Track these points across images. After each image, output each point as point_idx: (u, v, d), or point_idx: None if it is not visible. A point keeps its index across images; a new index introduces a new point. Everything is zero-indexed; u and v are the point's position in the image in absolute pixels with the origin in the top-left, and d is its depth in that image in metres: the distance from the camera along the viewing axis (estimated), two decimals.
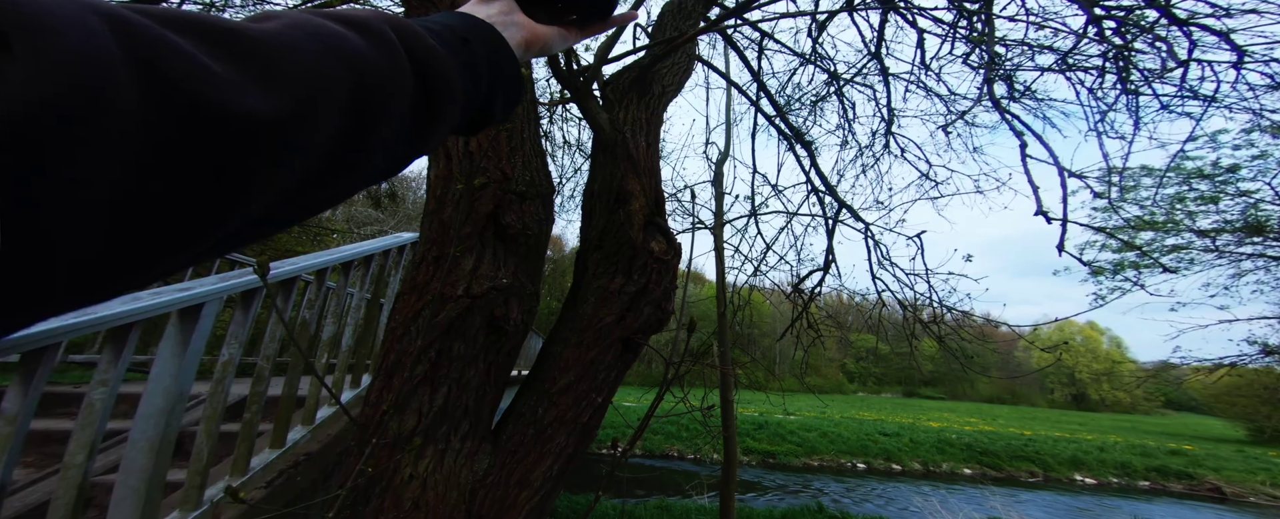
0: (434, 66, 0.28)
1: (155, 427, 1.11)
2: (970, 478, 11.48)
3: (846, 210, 3.67)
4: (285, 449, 1.63)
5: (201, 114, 0.17)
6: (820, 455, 11.91)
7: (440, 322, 1.17)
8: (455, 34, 0.32)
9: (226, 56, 0.18)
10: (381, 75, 0.25)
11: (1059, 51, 2.51)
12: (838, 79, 3.67)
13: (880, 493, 9.22)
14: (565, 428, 1.35)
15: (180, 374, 1.17)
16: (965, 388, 45.30)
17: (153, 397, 1.13)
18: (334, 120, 0.22)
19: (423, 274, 1.19)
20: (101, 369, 1.01)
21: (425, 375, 1.16)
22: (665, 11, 2.27)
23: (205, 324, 1.23)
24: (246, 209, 0.20)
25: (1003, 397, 46.68)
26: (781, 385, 4.88)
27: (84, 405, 0.98)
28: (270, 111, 0.19)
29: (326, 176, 0.24)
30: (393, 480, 1.09)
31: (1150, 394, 45.62)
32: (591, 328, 1.44)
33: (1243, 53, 2.11)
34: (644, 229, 1.53)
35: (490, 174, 1.24)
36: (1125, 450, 14.01)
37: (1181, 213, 5.84)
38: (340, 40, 0.23)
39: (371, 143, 0.25)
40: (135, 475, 1.08)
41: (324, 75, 0.22)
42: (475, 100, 0.33)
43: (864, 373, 45.09)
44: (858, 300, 4.74)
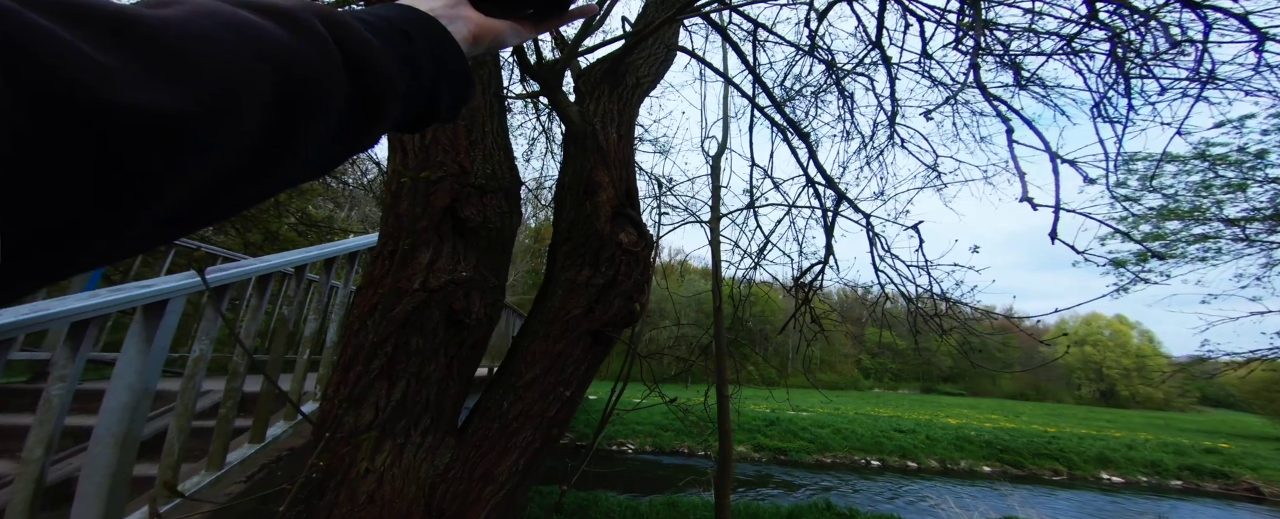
0: (369, 61, 0.26)
1: (120, 422, 1.13)
2: (989, 476, 11.17)
3: (846, 202, 3.59)
4: (265, 444, 1.65)
5: (81, 107, 0.15)
6: (833, 452, 11.72)
7: (396, 315, 1.16)
8: (393, 26, 0.30)
9: (114, 45, 0.17)
10: (306, 69, 0.23)
11: (1063, 37, 2.39)
12: (836, 70, 3.58)
13: (891, 490, 9.04)
14: (532, 422, 1.33)
15: (145, 370, 1.18)
16: (987, 384, 44.16)
17: (117, 393, 1.14)
18: (252, 115, 0.21)
19: (379, 268, 1.18)
20: (59, 365, 1.03)
21: (382, 369, 1.15)
22: (648, 4, 2.24)
23: (170, 320, 1.24)
24: (148, 208, 0.18)
25: (1027, 393, 45.36)
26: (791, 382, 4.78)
27: (42, 401, 1.00)
28: (167, 105, 0.17)
29: (248, 174, 0.22)
30: (348, 474, 1.09)
31: (1184, 390, 43.79)
32: (559, 320, 1.42)
33: (1262, 35, 1.97)
34: (612, 220, 1.50)
35: (447, 168, 1.23)
36: (1156, 449, 13.47)
37: (1208, 200, 5.55)
38: (256, 30, 0.22)
39: (298, 140, 0.24)
40: (100, 471, 1.10)
41: (236, 67, 0.20)
42: (418, 97, 0.31)
43: (880, 369, 44.28)
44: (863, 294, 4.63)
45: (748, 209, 3.82)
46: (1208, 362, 6.80)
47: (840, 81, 3.72)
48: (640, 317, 1.57)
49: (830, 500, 6.23)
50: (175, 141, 0.18)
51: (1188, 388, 43.88)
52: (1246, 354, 5.86)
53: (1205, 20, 2.00)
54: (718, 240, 3.60)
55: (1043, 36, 2.56)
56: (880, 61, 3.46)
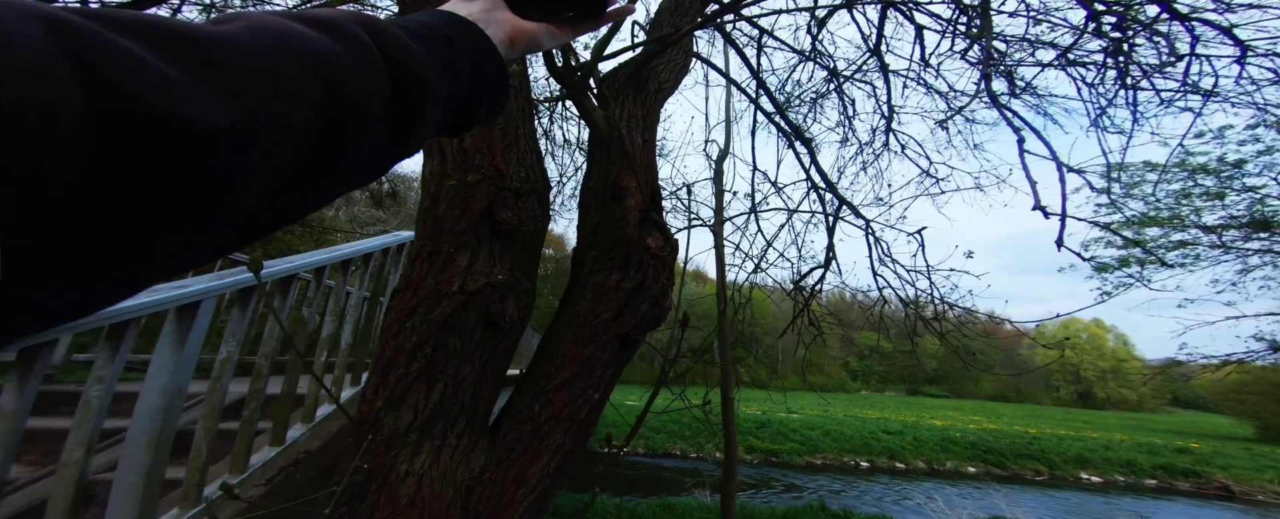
0: (412, 68, 0.27)
1: (153, 424, 1.12)
2: (974, 476, 11.43)
3: (847, 207, 3.66)
4: (284, 447, 1.63)
5: (152, 121, 0.16)
6: (823, 454, 11.88)
7: (435, 318, 1.17)
8: (435, 33, 0.31)
9: (180, 61, 0.18)
10: (354, 78, 0.24)
11: (1059, 47, 2.49)
12: (837, 76, 3.65)
13: (877, 492, 9.19)
14: (562, 425, 1.35)
15: (178, 371, 1.17)
16: (970, 386, 45.08)
17: (150, 394, 1.13)
18: (303, 126, 0.21)
19: (417, 271, 1.19)
20: (98, 366, 1.02)
21: (421, 372, 1.16)
22: (662, 8, 2.27)
23: (202, 321, 1.23)
24: (210, 216, 0.19)
25: (1007, 395, 46.42)
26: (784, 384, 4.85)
27: (81, 403, 0.99)
28: (228, 118, 0.18)
29: (300, 183, 0.23)
30: (389, 477, 1.10)
31: (1156, 392, 45.27)
32: (588, 324, 1.44)
33: (1245, 47, 2.08)
34: (640, 225, 1.53)
35: (484, 170, 1.24)
36: (1131, 449, 13.92)
37: (1187, 208, 5.79)
38: (306, 43, 0.23)
39: (347, 148, 0.24)
40: (134, 473, 1.09)
41: (288, 80, 0.21)
42: (457, 101, 0.32)
43: (867, 371, 44.94)
44: (859, 298, 4.72)
45: (751, 214, 3.88)
46: (1184, 364, 7.07)
47: (841, 87, 3.80)
48: (664, 320, 1.60)
49: (825, 502, 6.32)
50: (233, 152, 0.18)
51: (1160, 390, 45.41)
52: (1222, 357, 6.11)
53: (1192, 33, 2.11)
54: (722, 244, 3.64)
55: (1039, 46, 2.66)
56: (879, 69, 3.55)
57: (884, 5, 2.90)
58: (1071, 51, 2.36)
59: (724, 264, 3.42)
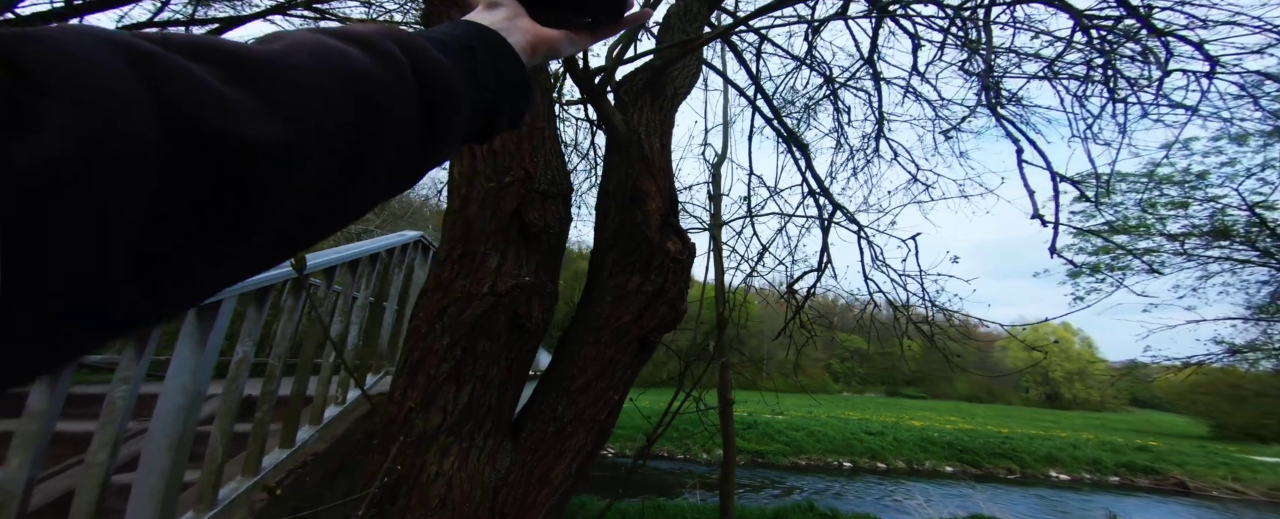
0: (440, 80, 0.28)
1: (174, 424, 1.10)
2: (952, 475, 11.79)
3: (842, 213, 3.76)
4: (294, 449, 1.61)
5: (215, 142, 0.17)
6: (808, 454, 12.09)
7: (466, 319, 1.17)
8: (460, 43, 0.32)
9: (236, 81, 0.19)
10: (388, 92, 0.25)
11: (1046, 59, 2.62)
12: (832, 82, 3.75)
13: (861, 492, 9.41)
14: (584, 426, 1.37)
15: (198, 372, 1.15)
16: (945, 387, 46.40)
17: (171, 395, 1.11)
18: (343, 140, 0.22)
19: (447, 272, 1.20)
20: (123, 367, 1.00)
21: (450, 373, 1.16)
22: (670, 14, 2.30)
23: (222, 321, 1.21)
24: (261, 235, 0.20)
25: (980, 395, 47.95)
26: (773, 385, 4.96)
27: (106, 404, 0.97)
28: (278, 136, 0.19)
29: (338, 195, 0.24)
30: (419, 479, 1.10)
31: (1117, 392, 47.44)
32: (609, 326, 1.45)
33: (1215, 62, 2.23)
34: (660, 229, 1.55)
35: (515, 173, 1.25)
36: (1096, 447, 14.55)
37: (1153, 217, 6.12)
38: (345, 59, 0.23)
39: (381, 160, 0.25)
40: (155, 474, 1.07)
41: (331, 95, 0.22)
42: (482, 109, 0.33)
43: (848, 373, 45.87)
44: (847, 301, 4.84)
45: (747, 218, 3.95)
46: (1146, 366, 7.44)
47: (836, 93, 3.90)
48: (681, 322, 1.63)
49: (813, 502, 6.44)
50: (282, 167, 0.19)
51: (1121, 390, 47.57)
52: (1183, 359, 6.46)
53: (1168, 49, 2.25)
54: (720, 248, 3.70)
55: (1026, 58, 2.79)
56: (872, 77, 3.66)
57: (879, 15, 3.00)
58: (1057, 64, 2.49)
59: (722, 268, 3.47)
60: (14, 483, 0.77)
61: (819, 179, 3.71)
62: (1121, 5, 2.10)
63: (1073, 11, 2.05)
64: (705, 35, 1.51)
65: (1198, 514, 9.49)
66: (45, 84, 0.14)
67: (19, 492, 0.77)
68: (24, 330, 0.15)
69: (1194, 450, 15.25)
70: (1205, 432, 23.42)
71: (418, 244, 2.67)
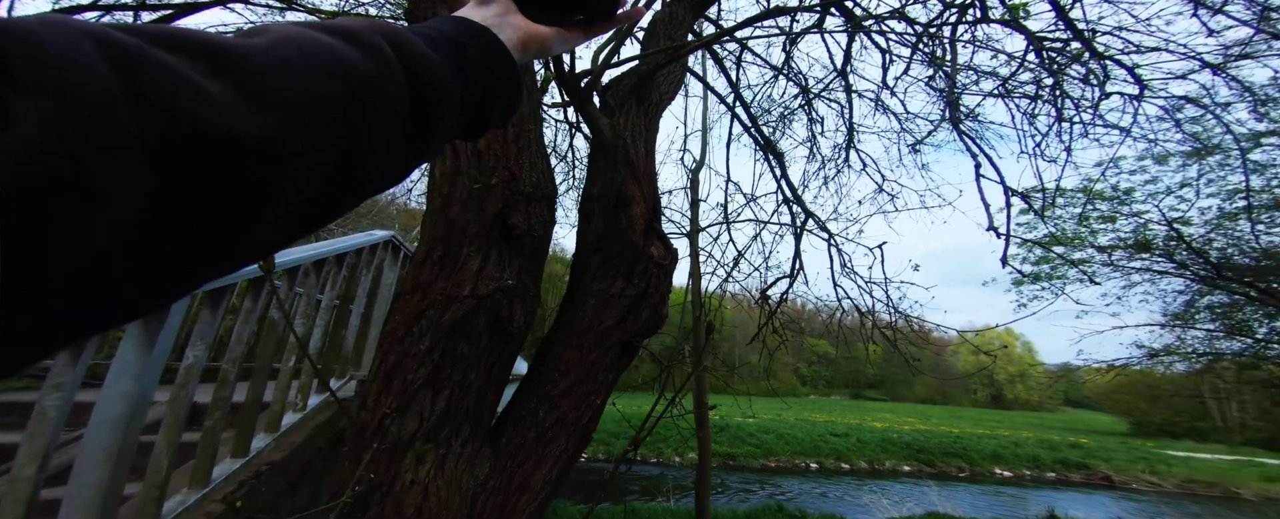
0: (429, 75, 0.27)
1: (113, 434, 1.00)
2: (909, 474, 12.36)
3: (813, 220, 3.89)
4: (249, 458, 1.50)
5: (197, 136, 0.16)
6: (777, 456, 12.38)
7: (445, 322, 1.14)
8: (450, 39, 0.31)
9: (218, 75, 0.18)
10: (375, 86, 0.24)
11: (1000, 77, 2.82)
12: (808, 93, 3.89)
13: (826, 492, 9.72)
14: (565, 430, 1.35)
15: (143, 376, 1.06)
16: (904, 390, 48.66)
17: (111, 402, 1.01)
18: (329, 135, 0.22)
19: (427, 274, 1.16)
20: (56, 372, 0.90)
21: (428, 377, 1.12)
22: (656, 20, 2.32)
23: (173, 323, 1.12)
24: (250, 230, 0.20)
25: (935, 398, 50.59)
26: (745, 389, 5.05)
27: (35, 413, 0.87)
28: (262, 131, 0.18)
29: (327, 190, 0.23)
30: (394, 487, 1.05)
31: (1052, 393, 51.20)
32: (592, 331, 1.45)
33: (1144, 85, 2.47)
34: (645, 234, 1.56)
35: (499, 174, 1.23)
36: (1035, 445, 15.64)
37: (1086, 230, 6.68)
38: (331, 53, 0.23)
39: (370, 154, 0.25)
40: (89, 489, 0.97)
41: (317, 89, 0.21)
42: (472, 105, 0.32)
43: (815, 376, 47.35)
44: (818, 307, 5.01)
45: (723, 224, 4.03)
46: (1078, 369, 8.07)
47: (810, 103, 4.04)
48: (662, 327, 1.64)
49: (781, 504, 6.59)
50: (268, 161, 0.19)
51: (1055, 391, 51.38)
52: (1109, 362, 7.06)
53: (1105, 71, 2.47)
54: (697, 253, 3.74)
55: (983, 75, 3.00)
56: (844, 89, 3.82)
57: (852, 29, 3.15)
58: (1010, 82, 2.69)
59: (700, 273, 3.52)
60: None
61: (793, 187, 3.83)
62: (1069, 29, 2.29)
63: (1027, 33, 2.22)
64: (693, 43, 1.54)
65: (1121, 506, 10.36)
66: (22, 78, 0.13)
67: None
68: (24, 331, 0.14)
69: (1118, 447, 16.65)
70: (1127, 429, 25.62)
71: (388, 245, 2.57)
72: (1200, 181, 5.40)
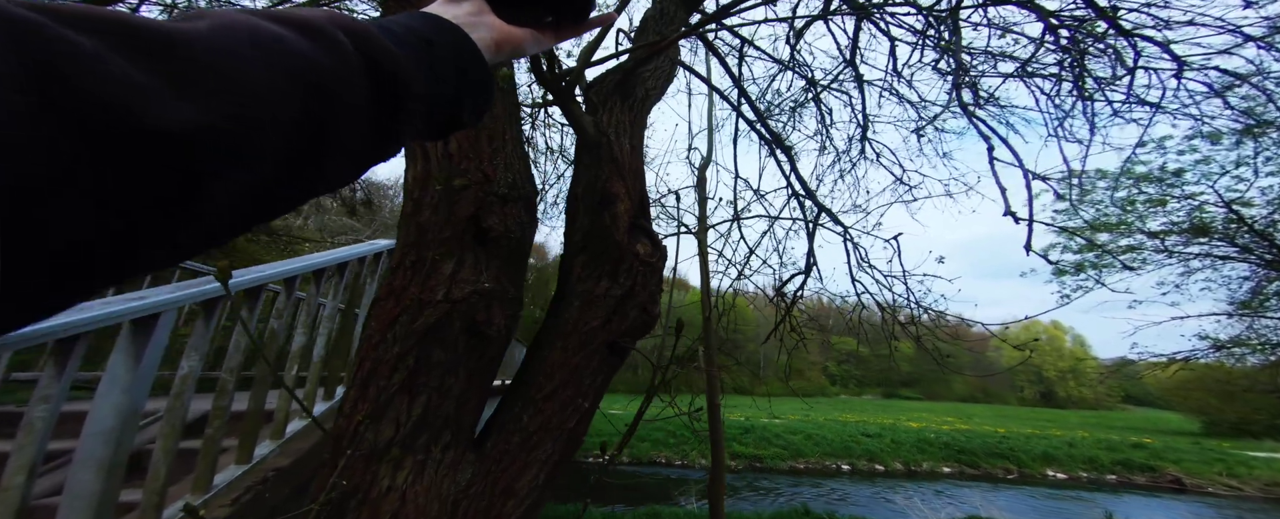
0: (391, 70, 0.26)
1: (105, 445, 1.03)
2: (949, 476, 11.76)
3: (826, 214, 3.76)
4: (252, 465, 1.54)
5: (113, 126, 0.15)
6: (806, 458, 12.02)
7: (418, 328, 1.13)
8: (417, 35, 0.30)
9: (146, 62, 0.17)
10: (331, 80, 0.23)
11: (1019, 60, 2.64)
12: (815, 85, 3.77)
13: (859, 495, 9.34)
14: (551, 435, 1.32)
15: (133, 388, 1.09)
16: (941, 388, 46.56)
17: (101, 413, 1.05)
18: (277, 129, 0.21)
19: (399, 279, 1.15)
20: (43, 385, 0.94)
21: (403, 384, 1.11)
22: (647, 17, 2.29)
23: (161, 335, 1.15)
24: (179, 221, 0.18)
25: (976, 396, 48.15)
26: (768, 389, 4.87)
27: (23, 424, 0.91)
28: (194, 122, 0.17)
29: (275, 185, 0.22)
30: (370, 493, 1.04)
31: (1110, 390, 47.79)
32: (577, 332, 1.41)
33: (1182, 62, 2.26)
34: (629, 232, 1.52)
35: (471, 176, 1.21)
36: (1092, 445, 14.60)
37: (1133, 215, 6.18)
38: (281, 44, 0.22)
39: (324, 149, 0.24)
40: (82, 499, 1.00)
41: (260, 82, 0.20)
42: (440, 104, 0.31)
43: (846, 375, 45.92)
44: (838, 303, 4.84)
45: (733, 221, 3.94)
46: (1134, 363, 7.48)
47: (818, 96, 3.92)
48: (653, 327, 1.59)
49: (808, 506, 6.37)
50: (201, 154, 0.18)
51: (1114, 388, 47.97)
52: (1169, 355, 6.50)
53: (1135, 49, 2.27)
54: (705, 251, 3.67)
55: (1001, 59, 2.82)
56: (854, 79, 3.68)
57: (858, 17, 3.03)
58: (1030, 64, 2.51)
59: (708, 271, 3.44)
60: None
61: (803, 181, 3.71)
62: (1089, 6, 2.11)
63: (1041, 12, 2.07)
64: (672, 35, 1.49)
65: (1196, 512, 9.50)
66: None
67: None
68: None
69: (1188, 447, 15.34)
70: (1198, 428, 23.58)
71: (391, 253, 2.62)
72: (1258, 159, 4.90)
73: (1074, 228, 4.61)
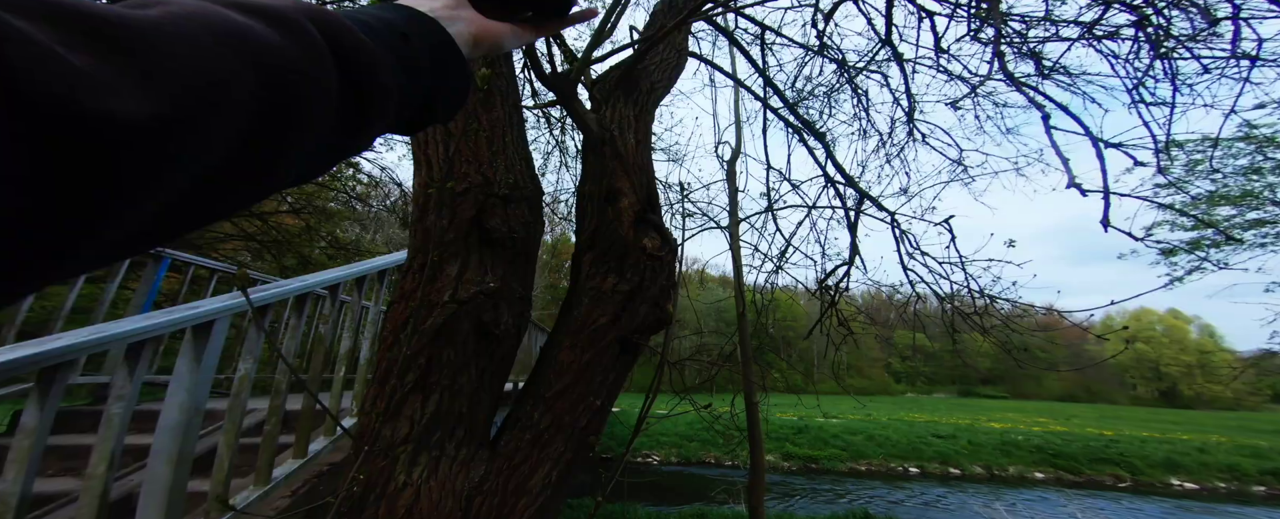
0: (362, 62, 0.26)
1: (173, 440, 1.18)
2: (1043, 482, 10.50)
3: (869, 200, 3.50)
4: (307, 459, 1.69)
5: (54, 116, 0.14)
6: (867, 460, 11.27)
7: (427, 328, 1.18)
8: (391, 28, 0.30)
9: (91, 48, 0.16)
10: (295, 69, 0.22)
11: (1084, 24, 2.29)
12: (848, 69, 3.53)
13: (929, 498, 8.57)
14: (562, 433, 1.32)
15: (195, 389, 1.23)
16: (1032, 386, 41.79)
17: (170, 411, 1.19)
18: (233, 121, 0.20)
19: (409, 282, 1.21)
20: (118, 385, 1.08)
21: (416, 382, 1.17)
22: (656, 10, 2.27)
23: (216, 340, 1.29)
24: (125, 215, 0.18)
25: (1077, 394, 42.69)
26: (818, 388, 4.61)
27: (103, 420, 1.05)
28: (144, 113, 0.17)
29: (231, 180, 0.22)
30: (387, 488, 1.10)
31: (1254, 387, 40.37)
32: (586, 330, 1.41)
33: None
34: (635, 226, 1.50)
35: (472, 179, 1.25)
36: (1231, 452, 12.41)
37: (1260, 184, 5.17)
38: (241, 31, 0.21)
39: (288, 141, 0.23)
40: (158, 486, 1.14)
41: (219, 72, 0.19)
42: (413, 99, 0.31)
43: (912, 372, 42.56)
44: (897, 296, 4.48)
45: (766, 212, 3.78)
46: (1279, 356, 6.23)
47: (852, 80, 3.67)
48: (668, 323, 1.55)
49: (867, 509, 5.95)
50: (151, 148, 0.17)
51: (1258, 385, 40.47)
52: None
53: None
54: (738, 245, 3.55)
55: (1062, 24, 2.46)
56: (892, 59, 3.40)
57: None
58: (1097, 26, 2.17)
59: (741, 265, 3.33)
60: (10, 494, 0.86)
61: (841, 168, 3.49)
62: None
63: None
64: (666, 28, 1.45)
65: None
66: None
67: (14, 502, 0.85)
68: None
69: None
70: None
71: None
72: None
73: (1172, 203, 3.93)
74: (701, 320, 3.79)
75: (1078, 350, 37.07)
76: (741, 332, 3.11)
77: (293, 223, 6.50)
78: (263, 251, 6.46)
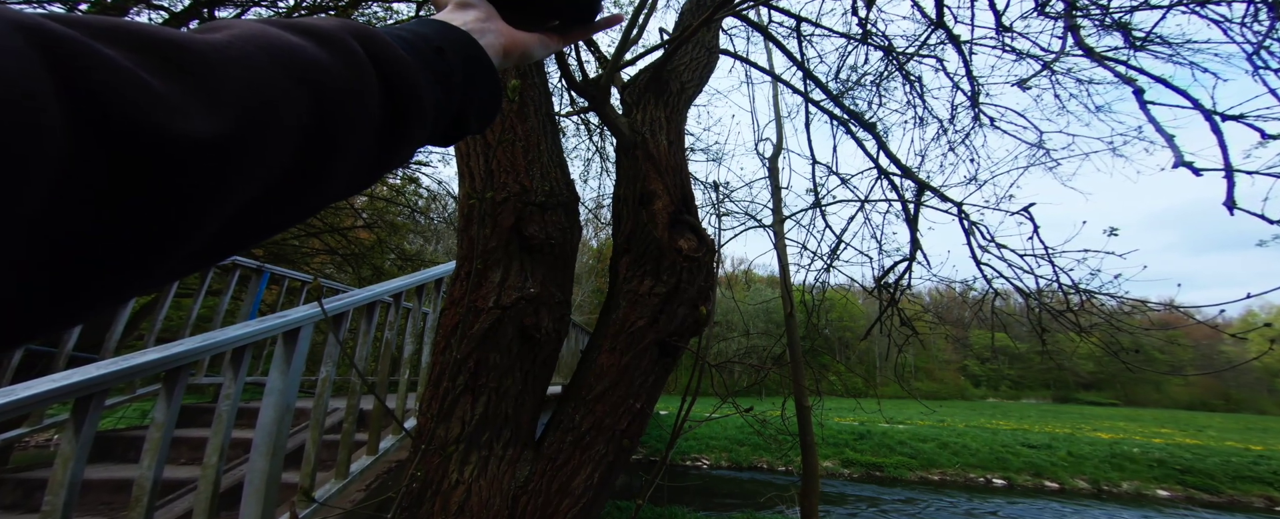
0: (403, 77, 0.27)
1: (269, 435, 1.34)
2: (1167, 501, 9.05)
3: (930, 191, 3.23)
4: (378, 456, 1.84)
5: (138, 137, 0.16)
6: (941, 469, 10.30)
7: (475, 333, 1.25)
8: (428, 43, 0.31)
9: (168, 72, 0.17)
10: (344, 88, 0.24)
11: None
12: (895, 55, 3.30)
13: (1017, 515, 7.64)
14: (603, 435, 1.34)
15: (286, 389, 1.39)
16: (1148, 392, 36.21)
17: (267, 409, 1.36)
18: (289, 138, 0.21)
19: (457, 289, 1.29)
20: (225, 386, 1.26)
21: (466, 385, 1.24)
22: (685, 11, 2.25)
23: (303, 344, 1.46)
24: (196, 229, 0.19)
25: (1211, 402, 36.38)
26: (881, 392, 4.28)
27: (215, 416, 1.23)
28: (214, 133, 0.18)
29: (287, 193, 0.23)
30: (441, 485, 1.18)
31: None
32: (624, 332, 1.43)
33: None
34: (670, 228, 1.50)
35: (509, 188, 1.32)
36: None
37: None
38: (296, 52, 0.22)
39: (335, 157, 0.24)
40: (258, 476, 1.31)
41: (276, 91, 0.21)
42: (448, 111, 0.32)
43: (994, 375, 38.39)
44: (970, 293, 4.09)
45: (813, 209, 3.61)
46: None
47: (903, 67, 3.41)
48: (706, 324, 1.53)
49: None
50: (222, 166, 0.18)
51: None
52: None
53: None
54: (784, 244, 3.42)
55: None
56: (947, 41, 3.12)
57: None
58: None
59: (787, 264, 3.20)
60: (145, 478, 1.02)
61: (894, 158, 3.26)
62: None
63: None
64: (692, 26, 1.44)
65: None
66: None
67: (148, 486, 1.01)
68: None
69: None
70: None
71: None
72: None
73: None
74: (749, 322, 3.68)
75: (1208, 351, 31.62)
76: (789, 332, 2.98)
77: (366, 237, 7.17)
78: (344, 264, 7.19)
